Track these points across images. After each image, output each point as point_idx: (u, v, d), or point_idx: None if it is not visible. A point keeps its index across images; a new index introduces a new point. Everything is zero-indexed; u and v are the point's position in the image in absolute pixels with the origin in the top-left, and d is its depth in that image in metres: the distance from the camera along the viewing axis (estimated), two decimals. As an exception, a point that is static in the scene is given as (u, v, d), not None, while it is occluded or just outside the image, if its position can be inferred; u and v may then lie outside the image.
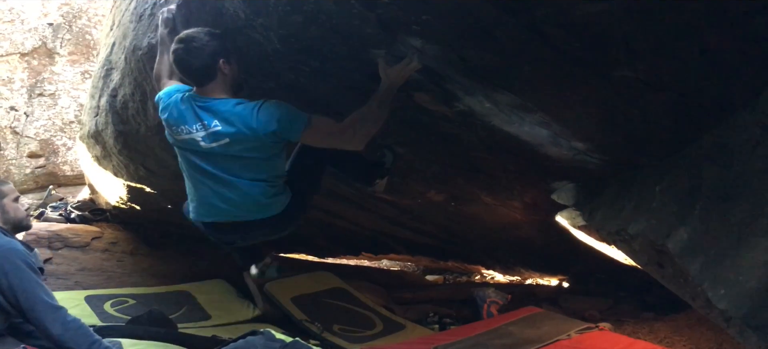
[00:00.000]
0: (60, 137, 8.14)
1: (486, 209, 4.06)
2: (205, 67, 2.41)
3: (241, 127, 2.37)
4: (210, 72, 2.42)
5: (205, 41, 2.39)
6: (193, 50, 2.37)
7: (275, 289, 4.89)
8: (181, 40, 2.40)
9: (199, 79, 2.45)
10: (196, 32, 2.42)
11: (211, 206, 2.65)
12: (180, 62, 2.43)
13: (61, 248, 5.19)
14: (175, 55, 2.42)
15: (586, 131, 2.54)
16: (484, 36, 1.96)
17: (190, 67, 2.42)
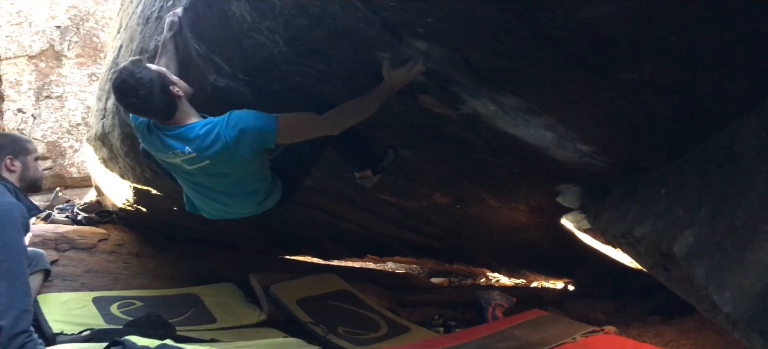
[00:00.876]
0: (67, 139, 8.18)
1: (491, 211, 4.06)
2: (166, 104, 2.42)
3: (214, 148, 2.38)
4: (170, 106, 2.43)
5: (148, 78, 2.37)
6: (146, 95, 2.37)
7: (280, 291, 4.89)
8: (126, 94, 2.38)
9: (165, 115, 2.46)
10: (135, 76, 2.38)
11: (210, 210, 2.76)
12: (140, 110, 2.46)
13: (67, 250, 5.17)
14: (131, 106, 2.43)
15: (591, 134, 2.54)
16: (489, 39, 1.97)
17: (153, 109, 2.42)
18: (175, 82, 2.47)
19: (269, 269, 5.49)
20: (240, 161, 2.44)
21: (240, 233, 5.77)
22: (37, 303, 4.10)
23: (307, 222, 5.19)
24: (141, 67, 2.41)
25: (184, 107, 2.48)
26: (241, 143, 2.37)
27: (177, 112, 2.46)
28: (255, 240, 6.02)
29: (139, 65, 2.42)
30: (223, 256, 5.89)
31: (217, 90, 2.83)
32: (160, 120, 2.50)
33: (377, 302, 5.28)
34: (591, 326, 4.07)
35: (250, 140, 2.38)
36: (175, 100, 2.44)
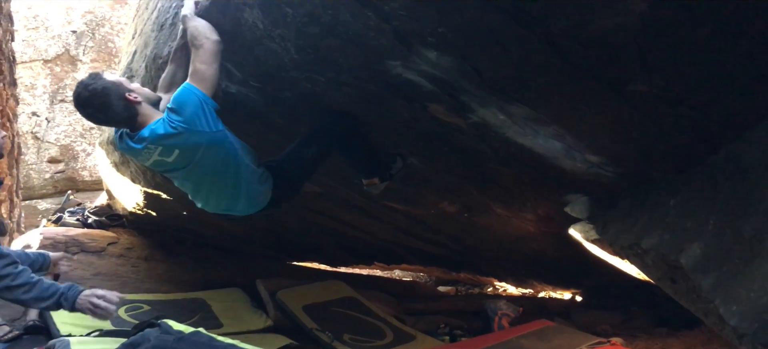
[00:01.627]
0: (80, 143, 8.26)
1: (499, 220, 4.06)
2: (124, 109, 2.46)
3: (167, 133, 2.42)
4: (129, 111, 2.47)
5: (102, 87, 2.43)
6: (101, 104, 2.42)
7: (287, 297, 4.89)
8: (84, 104, 2.44)
9: (126, 121, 2.51)
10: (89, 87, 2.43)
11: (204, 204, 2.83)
12: (100, 119, 2.54)
13: (77, 253, 5.18)
14: (90, 115, 2.49)
15: (600, 144, 2.54)
16: (499, 49, 1.98)
17: (112, 116, 2.48)
18: (132, 89, 2.51)
19: (277, 274, 5.50)
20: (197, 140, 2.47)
21: (249, 239, 5.78)
22: (46, 306, 4.15)
23: (315, 229, 5.20)
24: (96, 79, 2.46)
25: (145, 111, 2.50)
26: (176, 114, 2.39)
27: (138, 117, 2.49)
28: (263, 246, 6.03)
29: (94, 77, 2.48)
30: (231, 261, 5.90)
31: (228, 96, 2.85)
32: (124, 127, 2.55)
33: (383, 309, 5.28)
34: (598, 338, 4.06)
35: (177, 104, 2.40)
36: (132, 105, 2.47)
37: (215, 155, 2.54)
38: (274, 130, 3.21)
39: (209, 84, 2.46)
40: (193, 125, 2.39)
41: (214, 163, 2.56)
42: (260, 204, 2.78)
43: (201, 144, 2.48)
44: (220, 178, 2.65)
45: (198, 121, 2.40)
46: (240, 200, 2.73)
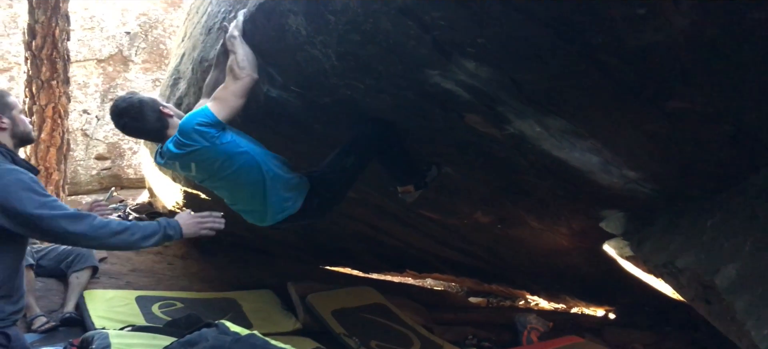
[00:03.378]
0: (127, 142, 8.48)
1: (532, 233, 4.04)
2: (156, 121, 2.61)
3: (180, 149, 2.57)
4: (161, 122, 2.63)
5: (138, 100, 2.62)
6: (137, 117, 2.58)
7: (317, 301, 4.94)
8: (121, 115, 2.60)
9: (157, 133, 2.66)
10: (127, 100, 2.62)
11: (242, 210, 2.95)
12: (133, 130, 2.67)
13: (116, 248, 5.34)
14: (125, 126, 2.64)
15: (638, 160, 2.52)
16: (538, 61, 1.99)
17: (145, 127, 2.63)
18: (165, 105, 2.69)
19: (308, 278, 5.56)
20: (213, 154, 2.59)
21: (283, 242, 5.86)
22: (83, 298, 4.25)
23: (349, 234, 5.24)
24: (133, 94, 2.69)
25: (174, 125, 2.65)
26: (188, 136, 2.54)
27: (168, 129, 2.64)
28: (296, 249, 6.10)
29: (132, 93, 2.70)
30: (264, 263, 5.98)
31: (269, 100, 2.92)
32: (154, 138, 2.72)
33: (412, 317, 5.29)
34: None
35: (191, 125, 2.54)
36: (165, 117, 2.64)
37: (232, 165, 2.66)
38: (312, 135, 3.26)
39: (230, 113, 2.61)
40: (197, 144, 2.55)
41: (233, 172, 2.69)
42: (288, 210, 2.84)
43: (214, 158, 2.62)
44: (245, 184, 2.76)
45: (200, 140, 2.54)
46: (267, 205, 2.81)
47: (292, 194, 2.82)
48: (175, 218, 2.44)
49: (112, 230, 2.26)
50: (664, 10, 1.58)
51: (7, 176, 2.16)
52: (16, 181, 2.16)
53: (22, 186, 2.16)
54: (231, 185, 2.80)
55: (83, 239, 2.24)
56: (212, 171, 2.69)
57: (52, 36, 6.31)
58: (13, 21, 9.21)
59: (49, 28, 6.28)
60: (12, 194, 2.13)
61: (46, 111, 6.44)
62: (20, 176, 2.19)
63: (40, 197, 2.18)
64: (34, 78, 6.38)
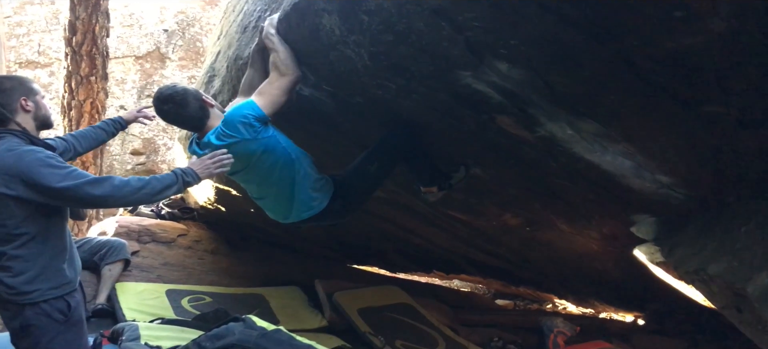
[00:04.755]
0: (161, 137, 8.65)
1: (562, 236, 4.01)
2: (198, 110, 2.69)
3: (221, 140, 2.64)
4: (203, 112, 2.71)
5: (182, 89, 2.70)
6: (181, 104, 2.66)
7: (343, 299, 4.97)
8: (165, 101, 2.67)
9: (197, 121, 2.72)
10: (172, 88, 2.71)
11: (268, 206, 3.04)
12: (175, 118, 2.73)
13: (148, 242, 5.42)
14: (167, 113, 2.70)
15: (671, 165, 2.49)
16: (572, 63, 1.99)
17: (187, 115, 2.70)
18: (207, 97, 2.77)
19: (335, 276, 5.60)
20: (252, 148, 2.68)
21: (311, 239, 5.91)
22: (114, 290, 4.34)
23: (377, 233, 5.27)
24: (177, 84, 2.79)
25: (215, 116, 2.74)
26: (234, 127, 2.63)
27: (208, 120, 2.72)
28: (325, 247, 6.15)
29: (176, 83, 2.81)
30: (292, 260, 6.04)
31: (301, 99, 2.96)
32: (194, 127, 2.78)
33: (438, 318, 5.29)
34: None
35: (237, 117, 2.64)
36: (206, 108, 2.72)
37: (268, 159, 2.74)
38: (343, 134, 3.30)
39: (274, 109, 2.69)
40: (240, 136, 2.63)
41: (268, 166, 2.77)
42: (314, 209, 2.91)
43: (253, 151, 2.69)
44: (276, 180, 2.83)
45: (244, 132, 2.63)
46: (294, 202, 2.88)
47: (319, 194, 2.89)
48: (188, 166, 2.55)
49: (133, 187, 2.38)
50: (702, 12, 1.57)
51: (27, 156, 2.29)
52: (35, 160, 2.28)
53: (42, 163, 2.28)
54: (262, 179, 2.86)
55: (110, 199, 2.37)
56: (248, 164, 2.76)
57: (92, 32, 6.46)
58: (55, 17, 9.47)
59: (90, 25, 6.44)
60: (35, 172, 2.26)
61: (85, 106, 6.60)
62: (38, 154, 2.31)
63: (60, 169, 2.31)
64: (74, 74, 6.55)
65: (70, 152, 2.84)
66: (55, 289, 2.37)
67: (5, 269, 2.31)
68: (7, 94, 2.39)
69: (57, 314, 2.38)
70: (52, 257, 2.39)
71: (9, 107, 2.38)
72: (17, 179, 2.26)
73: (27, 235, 2.32)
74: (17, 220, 2.29)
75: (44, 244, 2.36)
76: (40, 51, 9.60)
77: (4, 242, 2.31)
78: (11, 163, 2.27)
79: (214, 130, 2.68)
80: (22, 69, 9.36)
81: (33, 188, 2.26)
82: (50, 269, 2.37)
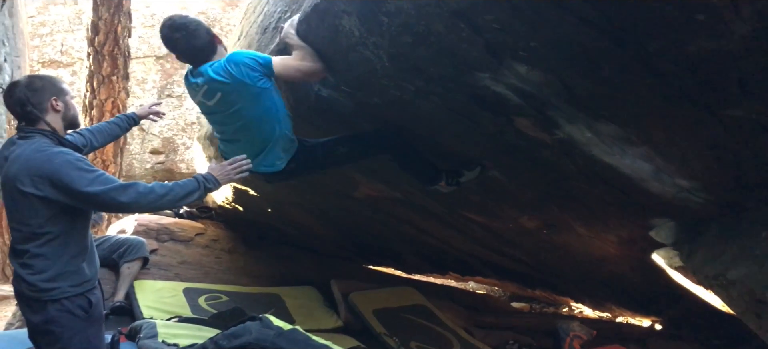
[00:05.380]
0: (181, 137, 8.74)
1: (579, 239, 3.99)
2: (207, 43, 2.75)
3: (219, 77, 2.67)
4: (211, 45, 2.76)
5: (195, 20, 2.76)
6: (192, 33, 2.71)
7: (359, 300, 4.98)
8: (177, 29, 2.71)
9: (203, 54, 2.76)
10: (181, 17, 2.76)
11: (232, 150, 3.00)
12: (182, 48, 2.75)
13: (166, 241, 5.44)
14: (176, 42, 2.73)
15: (691, 169, 2.48)
16: (591, 66, 1.98)
17: (195, 45, 2.73)
18: (217, 33, 2.83)
19: (351, 276, 5.61)
20: (245, 93, 2.69)
21: (328, 240, 5.93)
22: (133, 288, 4.38)
23: (393, 234, 5.27)
24: (189, 15, 2.83)
25: (220, 53, 2.79)
26: (237, 66, 2.64)
27: (214, 55, 2.77)
28: (341, 247, 6.17)
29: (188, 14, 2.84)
30: (308, 259, 6.06)
31: (320, 100, 2.98)
32: (197, 58, 2.79)
33: (453, 320, 5.29)
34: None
35: (244, 56, 2.66)
36: (215, 42, 2.78)
37: (255, 111, 2.77)
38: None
39: (283, 76, 2.72)
40: (239, 77, 2.64)
41: (251, 117, 2.80)
42: (274, 167, 2.99)
43: (244, 96, 2.71)
44: (254, 132, 2.86)
45: (244, 73, 2.64)
46: (261, 155, 2.93)
47: (285, 155, 2.95)
48: (209, 171, 2.59)
49: (157, 193, 2.42)
50: (725, 16, 1.56)
51: (57, 158, 2.33)
52: (65, 162, 2.32)
53: (72, 166, 2.32)
54: (238, 126, 2.88)
55: (134, 205, 2.42)
56: (232, 109, 2.78)
57: (115, 33, 6.56)
58: (78, 17, 9.60)
59: (112, 25, 6.54)
60: (64, 174, 2.30)
61: (106, 105, 6.70)
62: (67, 157, 2.35)
63: (89, 173, 2.34)
64: (96, 73, 6.65)
65: (87, 147, 2.89)
66: (75, 287, 2.41)
67: (27, 266, 2.35)
68: (38, 93, 2.42)
69: (79, 310, 2.41)
70: (73, 256, 2.42)
71: (40, 107, 2.41)
72: (46, 179, 2.29)
73: (50, 234, 2.35)
74: (41, 219, 2.33)
75: (66, 244, 2.40)
76: (63, 51, 9.75)
77: (26, 240, 2.35)
78: (40, 164, 2.30)
79: (214, 63, 2.71)
80: (45, 68, 9.50)
81: (60, 190, 2.30)
82: (70, 268, 2.41)
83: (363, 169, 3.77)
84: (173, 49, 2.79)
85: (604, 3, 1.69)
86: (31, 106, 2.39)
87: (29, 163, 2.31)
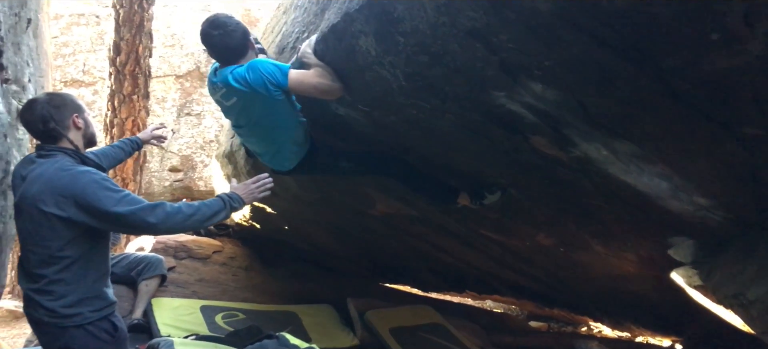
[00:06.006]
0: (199, 154, 8.83)
1: (597, 258, 3.96)
2: (240, 46, 2.78)
3: (237, 83, 2.72)
4: (243, 48, 2.80)
5: (236, 22, 2.79)
6: (229, 33, 2.75)
7: (375, 318, 4.96)
8: (215, 26, 2.75)
9: (233, 55, 2.80)
10: (225, 16, 2.80)
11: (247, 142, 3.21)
12: (217, 46, 2.79)
13: (184, 258, 5.48)
14: (212, 39, 2.77)
15: (710, 187, 2.46)
16: (607, 85, 1.99)
17: (229, 44, 2.77)
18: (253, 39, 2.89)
19: (368, 294, 5.59)
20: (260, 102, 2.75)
21: (344, 257, 5.94)
22: (150, 306, 4.40)
23: (410, 252, 5.27)
24: (234, 19, 2.83)
25: (249, 58, 2.82)
26: (256, 74, 2.69)
27: (242, 59, 2.80)
28: (357, 265, 6.17)
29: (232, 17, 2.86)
30: (325, 277, 6.06)
31: (337, 118, 3.01)
32: (226, 60, 2.83)
33: (470, 339, 5.25)
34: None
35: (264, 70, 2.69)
36: (247, 47, 2.82)
37: (268, 118, 2.86)
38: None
39: (299, 93, 2.78)
40: (256, 88, 2.70)
41: (265, 123, 2.89)
42: (284, 166, 3.11)
43: (257, 104, 2.78)
44: (267, 133, 2.97)
45: (261, 86, 2.69)
46: (274, 155, 3.06)
47: (295, 157, 3.05)
48: (233, 191, 2.60)
49: (185, 214, 2.38)
50: (740, 34, 1.56)
51: (82, 177, 2.28)
52: (91, 181, 2.27)
53: (98, 186, 2.27)
54: (254, 127, 2.97)
55: (161, 226, 2.34)
56: (247, 112, 2.86)
57: (136, 53, 6.68)
58: (100, 38, 9.78)
59: (133, 46, 6.66)
60: (90, 194, 2.24)
61: (126, 124, 6.81)
62: (93, 176, 2.30)
63: (116, 193, 2.29)
64: (117, 92, 6.77)
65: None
66: (98, 311, 2.36)
67: (45, 292, 2.27)
68: (60, 110, 2.39)
69: (104, 334, 2.37)
70: (95, 280, 2.37)
71: (62, 124, 2.38)
72: (70, 200, 2.23)
73: (70, 258, 2.28)
74: (62, 242, 2.27)
75: (86, 268, 2.33)
76: (85, 70, 9.92)
77: (44, 265, 2.27)
78: (65, 184, 2.25)
79: (236, 68, 2.76)
80: (67, 87, 9.67)
81: (86, 211, 2.24)
82: (92, 293, 2.35)
83: (379, 187, 3.79)
84: (207, 45, 2.85)
85: (617, 22, 1.69)
86: (54, 123, 2.35)
87: (52, 183, 2.25)
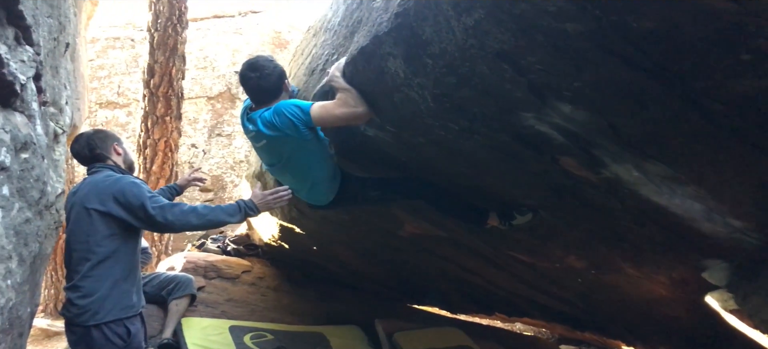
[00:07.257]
0: (229, 174, 8.97)
1: (628, 281, 3.89)
2: (275, 87, 2.92)
3: (265, 127, 2.85)
4: (276, 90, 2.93)
5: (274, 65, 2.94)
6: (265, 76, 2.89)
7: (403, 339, 4.95)
8: (253, 69, 2.92)
9: (267, 96, 2.94)
10: (265, 59, 2.95)
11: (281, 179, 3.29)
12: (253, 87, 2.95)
13: (214, 278, 5.54)
14: (250, 81, 2.93)
15: (744, 209, 2.41)
16: (637, 106, 1.98)
17: (264, 86, 2.92)
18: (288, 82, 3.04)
19: (395, 315, 5.58)
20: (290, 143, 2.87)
21: (372, 278, 5.94)
22: (180, 325, 4.47)
23: (438, 273, 5.25)
24: (273, 60, 3.02)
25: (279, 99, 2.94)
26: (281, 117, 2.81)
27: (274, 101, 2.93)
28: (385, 286, 6.16)
29: (272, 59, 3.03)
30: (353, 298, 6.06)
31: (366, 139, 3.03)
32: (260, 99, 2.98)
33: (499, 362, 5.19)
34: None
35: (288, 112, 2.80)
36: (281, 89, 2.97)
37: (298, 157, 2.97)
38: (404, 173, 3.34)
39: (324, 125, 2.88)
40: (284, 131, 2.82)
41: (296, 162, 3.00)
42: (320, 201, 3.22)
43: (288, 145, 2.89)
44: (298, 172, 3.07)
45: (289, 127, 2.81)
46: (310, 191, 3.17)
47: (330, 193, 3.16)
48: (250, 198, 2.92)
49: (200, 213, 2.81)
50: (771, 55, 1.55)
51: (123, 180, 2.81)
52: (130, 182, 2.81)
53: (135, 186, 2.79)
54: (285, 166, 3.07)
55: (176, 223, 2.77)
56: (278, 153, 2.98)
57: (169, 75, 6.84)
58: (134, 61, 10.05)
59: (167, 68, 6.82)
60: (127, 190, 2.75)
61: (159, 145, 6.95)
62: (132, 180, 2.86)
63: (149, 193, 2.78)
64: (151, 114, 6.92)
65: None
66: (118, 311, 2.65)
67: (77, 289, 2.63)
68: (103, 140, 2.98)
69: (117, 339, 2.62)
70: (122, 278, 2.70)
71: (106, 150, 2.97)
72: (111, 197, 2.71)
73: (101, 254, 2.66)
74: (98, 236, 2.67)
75: (115, 264, 2.68)
76: (120, 92, 10.18)
77: (81, 261, 2.66)
78: (108, 185, 2.76)
79: (265, 112, 2.87)
80: (102, 109, 9.93)
81: (122, 205, 2.71)
82: (117, 290, 2.68)
83: (407, 208, 3.79)
84: (244, 85, 3.01)
85: (646, 44, 1.69)
86: (99, 149, 2.93)
87: (98, 186, 2.76)
